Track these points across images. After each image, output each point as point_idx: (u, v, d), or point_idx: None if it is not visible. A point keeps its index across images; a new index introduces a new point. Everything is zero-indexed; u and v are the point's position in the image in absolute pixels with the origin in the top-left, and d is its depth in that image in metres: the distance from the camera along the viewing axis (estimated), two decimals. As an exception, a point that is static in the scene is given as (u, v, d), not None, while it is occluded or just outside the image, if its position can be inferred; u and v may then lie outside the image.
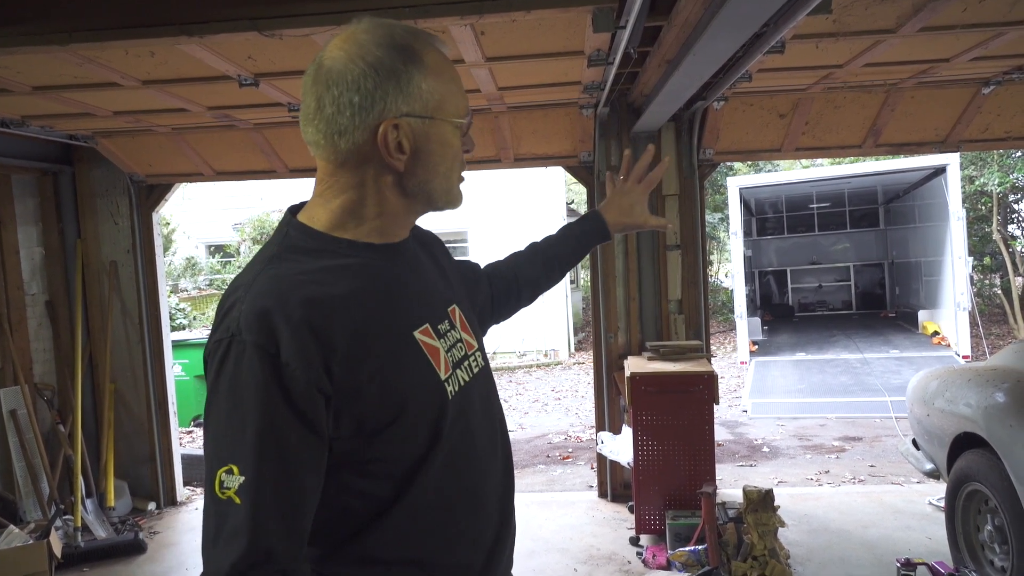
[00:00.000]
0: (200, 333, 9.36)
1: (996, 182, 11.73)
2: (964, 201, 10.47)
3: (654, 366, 4.01)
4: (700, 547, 3.47)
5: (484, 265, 1.50)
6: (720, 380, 4.01)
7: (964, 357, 9.09)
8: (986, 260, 14.23)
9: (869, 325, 12.59)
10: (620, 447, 4.20)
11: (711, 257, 18.58)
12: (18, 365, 4.54)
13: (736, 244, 10.66)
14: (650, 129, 4.39)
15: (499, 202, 12.68)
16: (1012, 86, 4.16)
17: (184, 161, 4.74)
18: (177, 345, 7.35)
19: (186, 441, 7.51)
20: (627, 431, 4.14)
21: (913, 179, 11.38)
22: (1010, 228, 14.61)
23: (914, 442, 3.89)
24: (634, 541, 4.00)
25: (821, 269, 14.83)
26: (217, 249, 16.65)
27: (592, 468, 5.74)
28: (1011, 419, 2.81)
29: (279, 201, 14.13)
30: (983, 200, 13.05)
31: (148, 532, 4.54)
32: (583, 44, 3.00)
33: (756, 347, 10.63)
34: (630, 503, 4.26)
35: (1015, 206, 14.70)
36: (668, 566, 3.57)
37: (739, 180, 11.30)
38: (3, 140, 4.27)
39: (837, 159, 12.75)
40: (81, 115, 3.85)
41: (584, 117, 4.30)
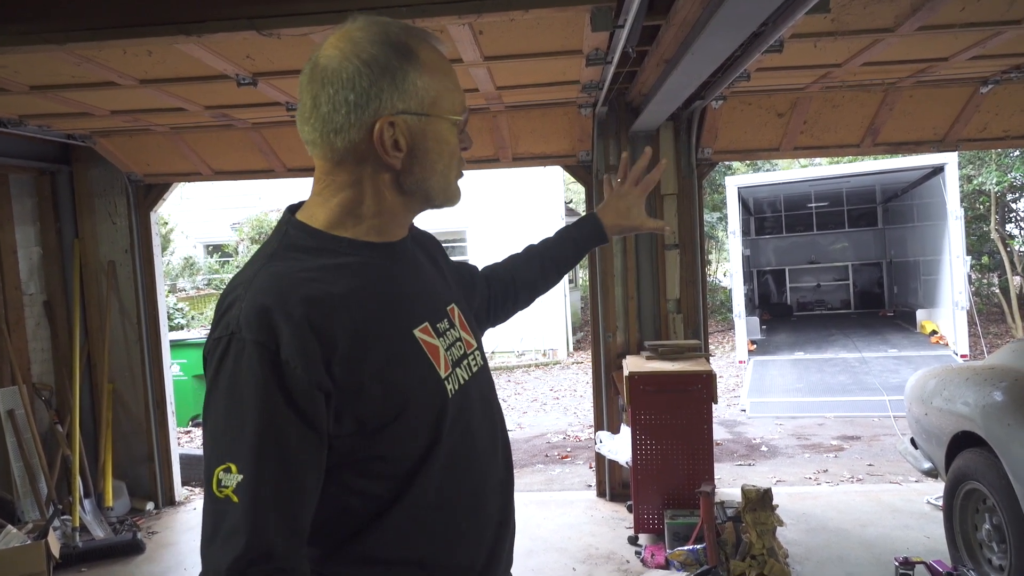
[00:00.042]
0: (198, 333, 9.35)
1: (994, 181, 11.74)
2: (962, 200, 10.47)
3: (652, 365, 4.01)
4: (699, 546, 3.48)
5: (481, 268, 1.51)
6: (718, 379, 4.01)
7: (962, 356, 9.10)
8: (984, 259, 14.25)
9: (867, 324, 12.60)
10: (619, 446, 4.20)
11: (709, 256, 18.59)
12: (16, 365, 4.53)
13: (734, 243, 10.67)
14: (648, 128, 4.39)
15: (497, 202, 12.68)
16: (1010, 85, 4.16)
17: (182, 161, 4.73)
18: (175, 345, 7.34)
19: (184, 441, 7.51)
20: (626, 430, 4.14)
21: (911, 178, 11.40)
22: (1008, 227, 14.62)
23: (912, 441, 3.89)
24: (633, 540, 4.00)
25: (819, 268, 14.84)
26: (215, 249, 16.62)
27: (591, 467, 5.74)
28: (1009, 418, 2.81)
29: (277, 201, 14.11)
30: (981, 199, 13.06)
31: (146, 532, 4.53)
32: (581, 43, 3.00)
33: (754, 346, 10.64)
34: (629, 502, 4.26)
35: (1013, 205, 14.71)
36: (667, 565, 3.57)
37: (737, 179, 11.31)
38: (1, 139, 4.26)
39: (835, 158, 12.76)
40: (79, 114, 3.84)
41: (582, 116, 4.30)
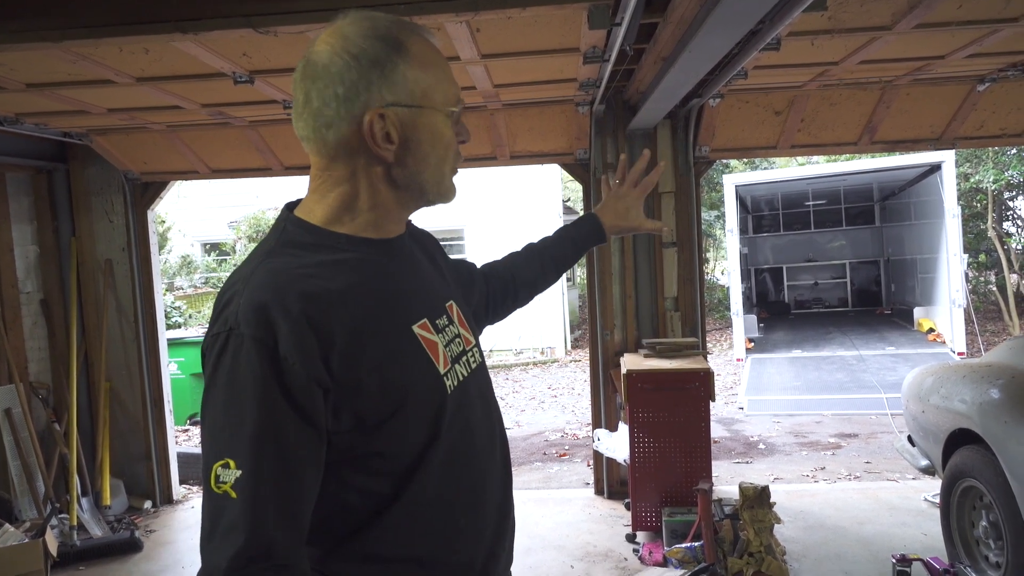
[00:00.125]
0: (196, 331, 9.35)
1: (991, 179, 11.76)
2: (959, 198, 10.49)
3: (650, 363, 4.02)
4: (696, 544, 3.48)
5: (480, 265, 1.51)
6: (716, 377, 4.01)
7: (959, 354, 9.12)
8: (981, 257, 14.27)
9: (865, 322, 12.62)
10: (616, 444, 4.21)
11: (707, 255, 18.62)
12: (13, 363, 4.52)
13: (732, 241, 10.68)
14: (646, 126, 4.39)
15: (495, 200, 12.68)
16: (1007, 83, 4.16)
17: (179, 159, 4.73)
18: (173, 343, 7.33)
19: (182, 439, 7.51)
20: (623, 428, 4.14)
21: (908, 176, 11.41)
22: (1005, 225, 14.65)
23: (909, 438, 3.90)
24: (630, 538, 4.00)
25: (817, 266, 14.86)
26: (213, 247, 16.59)
27: (588, 465, 5.75)
28: (1006, 415, 2.82)
29: (275, 199, 14.09)
30: (978, 197, 13.09)
31: (144, 530, 4.53)
32: (579, 41, 2.99)
33: (752, 344, 10.65)
34: (626, 500, 4.27)
35: (1010, 203, 14.73)
36: (664, 563, 3.57)
37: (735, 177, 11.32)
38: (-3, 138, 4.26)
39: (833, 156, 12.77)
40: (75, 112, 3.83)
41: (580, 114, 4.29)
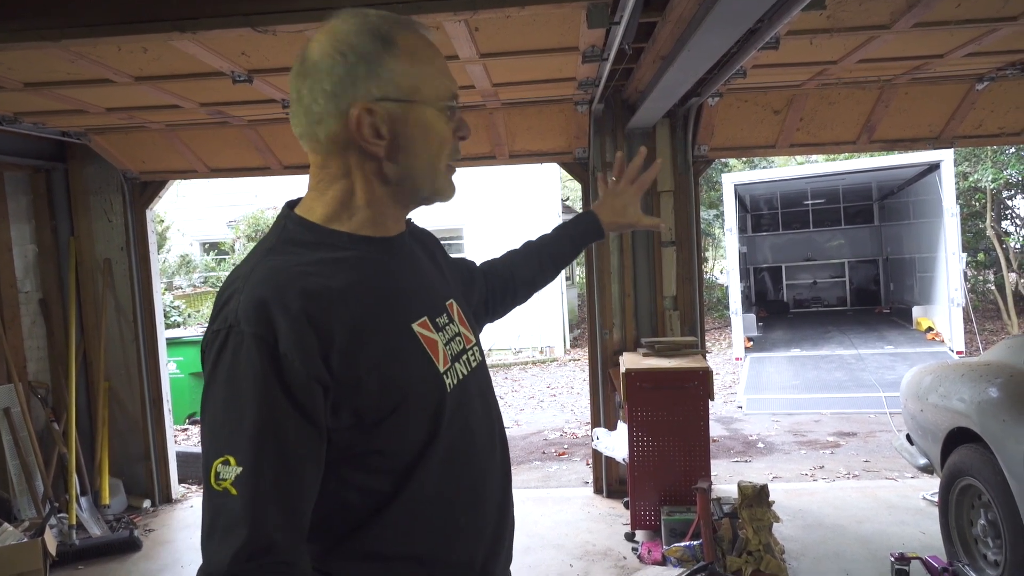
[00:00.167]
0: (195, 331, 9.34)
1: (990, 178, 11.77)
2: (958, 197, 10.50)
3: (649, 362, 4.02)
4: (695, 542, 3.48)
5: (480, 263, 1.51)
6: (715, 376, 4.02)
7: (958, 352, 9.13)
8: (980, 256, 14.28)
9: (863, 321, 12.63)
10: (615, 443, 4.21)
11: (706, 254, 18.62)
12: (12, 363, 4.52)
13: (731, 240, 10.68)
14: (645, 125, 4.39)
15: (494, 199, 12.68)
16: (1006, 82, 4.17)
17: (178, 158, 4.72)
18: (172, 343, 7.33)
19: (181, 439, 7.51)
20: (622, 427, 4.14)
21: (907, 175, 11.42)
22: (1004, 224, 14.66)
23: (908, 437, 3.90)
24: (629, 537, 4.00)
25: (816, 265, 14.87)
26: (212, 246, 16.58)
27: (588, 464, 5.75)
28: (1004, 414, 2.82)
29: (274, 198, 14.09)
30: (977, 196, 13.10)
31: (143, 530, 4.53)
32: (577, 40, 2.99)
33: (751, 343, 10.65)
34: (625, 499, 4.27)
35: (1008, 202, 14.74)
36: (663, 561, 3.58)
37: (734, 176, 11.33)
38: (-5, 137, 4.26)
39: (831, 155, 12.77)
40: (74, 112, 3.83)
41: (579, 113, 4.29)
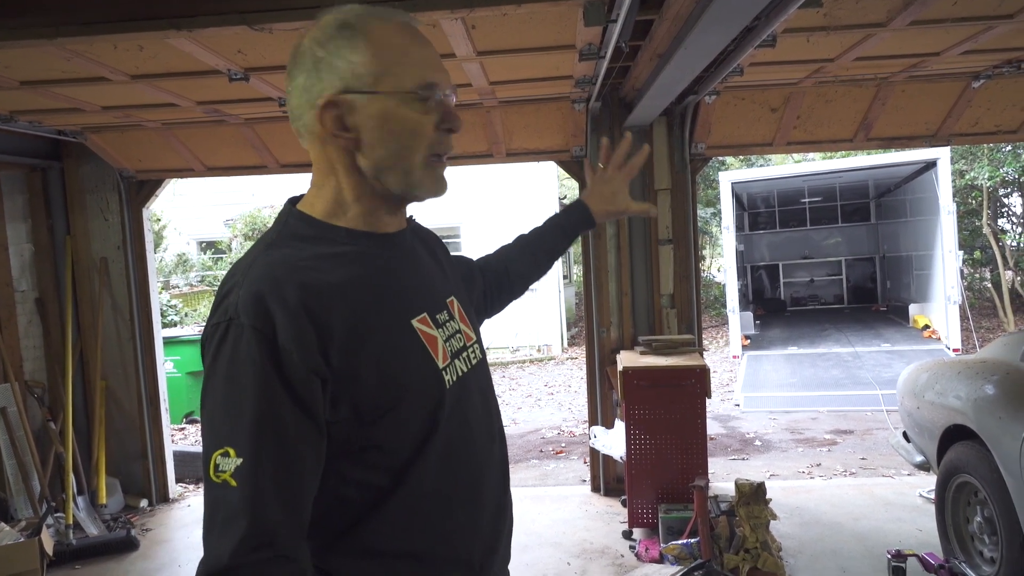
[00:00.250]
0: (192, 330, 9.32)
1: (986, 176, 11.78)
2: (954, 195, 10.50)
3: (646, 360, 4.02)
4: (692, 540, 3.49)
5: (475, 260, 1.52)
6: (712, 374, 4.02)
7: (954, 350, 9.14)
8: (976, 254, 14.31)
9: (860, 319, 12.65)
10: (613, 441, 4.21)
11: (703, 252, 18.64)
12: (8, 362, 4.51)
13: (728, 239, 10.69)
14: (642, 123, 4.39)
15: (492, 197, 12.68)
16: (1002, 80, 4.17)
17: (174, 156, 4.71)
18: (169, 342, 7.33)
19: (178, 438, 7.49)
20: (620, 425, 4.14)
21: (904, 173, 11.43)
22: (1000, 222, 14.69)
23: (904, 435, 3.91)
24: (627, 535, 4.01)
25: (813, 263, 14.90)
26: (208, 245, 16.54)
27: (585, 463, 5.75)
28: (1000, 411, 2.83)
29: (271, 197, 14.06)
30: (973, 194, 13.11)
31: (140, 529, 4.53)
32: (574, 38, 2.99)
33: (748, 341, 10.67)
34: (623, 497, 4.28)
35: (1005, 200, 14.78)
36: (661, 559, 3.58)
37: (731, 175, 11.33)
38: (-9, 136, 4.24)
39: (828, 153, 12.79)
40: (70, 110, 3.82)
41: (576, 112, 4.29)
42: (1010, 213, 15.12)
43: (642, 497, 3.89)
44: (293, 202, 1.11)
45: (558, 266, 13.79)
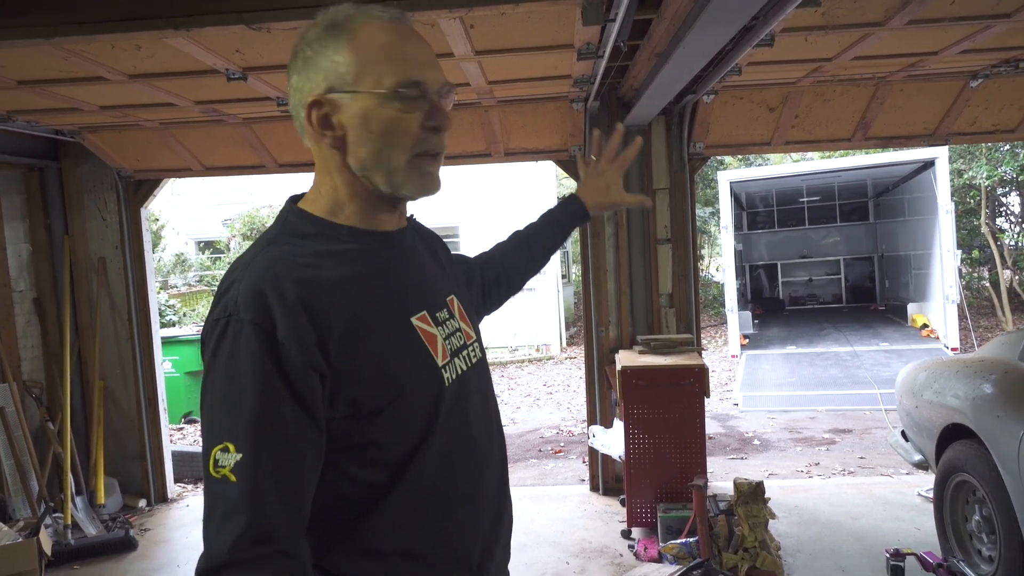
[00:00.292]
0: (190, 330, 9.30)
1: (984, 175, 11.79)
2: (953, 194, 10.52)
3: (645, 360, 4.02)
4: (691, 539, 3.49)
5: (472, 257, 1.52)
6: (711, 373, 4.02)
7: (953, 349, 9.16)
8: (975, 253, 14.34)
9: (859, 318, 12.66)
10: (611, 441, 4.21)
11: (702, 251, 18.64)
12: (6, 362, 4.50)
13: (727, 238, 10.70)
14: (640, 123, 4.39)
15: (490, 197, 12.67)
16: (1000, 79, 4.18)
17: (172, 156, 4.71)
18: (167, 342, 7.31)
19: (177, 438, 7.49)
20: (618, 425, 4.15)
21: (902, 173, 11.45)
22: (998, 221, 14.71)
23: (903, 434, 3.91)
24: (626, 534, 4.01)
25: (811, 263, 14.91)
26: (207, 245, 16.52)
27: (584, 462, 5.75)
28: (998, 410, 2.83)
29: (269, 197, 14.05)
30: (971, 193, 13.13)
31: (139, 529, 4.52)
32: (573, 37, 2.99)
33: (747, 340, 10.67)
34: (622, 496, 4.28)
35: (1003, 199, 14.80)
36: (659, 558, 3.58)
37: (729, 174, 11.34)
38: (-12, 135, 4.24)
39: (827, 153, 12.80)
40: (67, 110, 3.82)
41: (574, 111, 4.29)
42: (1008, 212, 15.15)
43: (641, 496, 3.89)
44: (294, 200, 1.12)
45: (557, 266, 13.79)
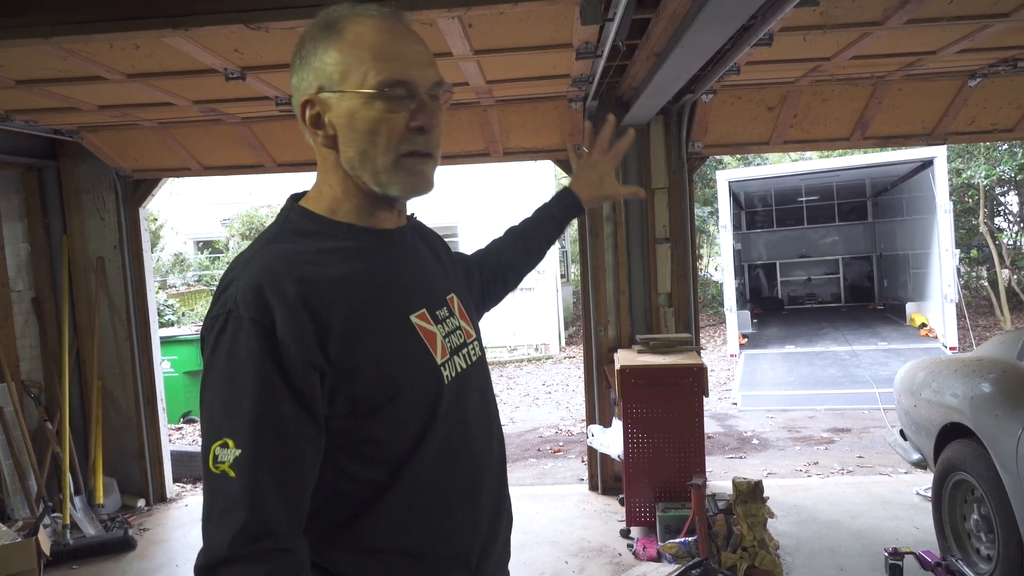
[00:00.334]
0: (189, 329, 9.30)
1: (983, 175, 11.80)
2: (951, 194, 10.53)
3: (644, 359, 4.02)
4: (690, 539, 3.49)
5: (470, 255, 1.53)
6: (710, 373, 4.03)
7: (951, 348, 9.16)
8: (973, 252, 14.35)
9: (857, 317, 12.67)
10: (610, 440, 4.22)
11: (701, 251, 18.64)
12: (4, 362, 4.50)
13: (725, 237, 10.70)
14: (639, 122, 4.39)
15: (489, 196, 12.67)
16: (998, 79, 4.18)
17: (171, 156, 4.70)
18: (166, 341, 7.31)
19: (175, 438, 7.49)
20: (617, 424, 4.15)
21: (901, 172, 11.45)
22: (996, 220, 14.73)
23: (902, 433, 3.92)
24: (624, 533, 4.01)
25: (810, 262, 14.91)
26: (206, 245, 16.51)
27: (583, 461, 5.76)
28: (997, 409, 2.83)
29: (268, 196, 14.04)
30: (970, 193, 13.14)
31: (138, 529, 4.52)
32: (571, 37, 2.99)
33: (746, 340, 10.67)
34: (620, 496, 4.28)
35: (1001, 199, 14.81)
36: (658, 558, 3.58)
37: (728, 174, 11.34)
38: (-13, 135, 4.24)
39: (825, 152, 12.81)
40: (66, 109, 3.81)
41: (573, 111, 4.29)
42: (1007, 211, 15.16)
43: (640, 496, 3.89)
44: (295, 198, 1.12)
45: (556, 265, 13.79)
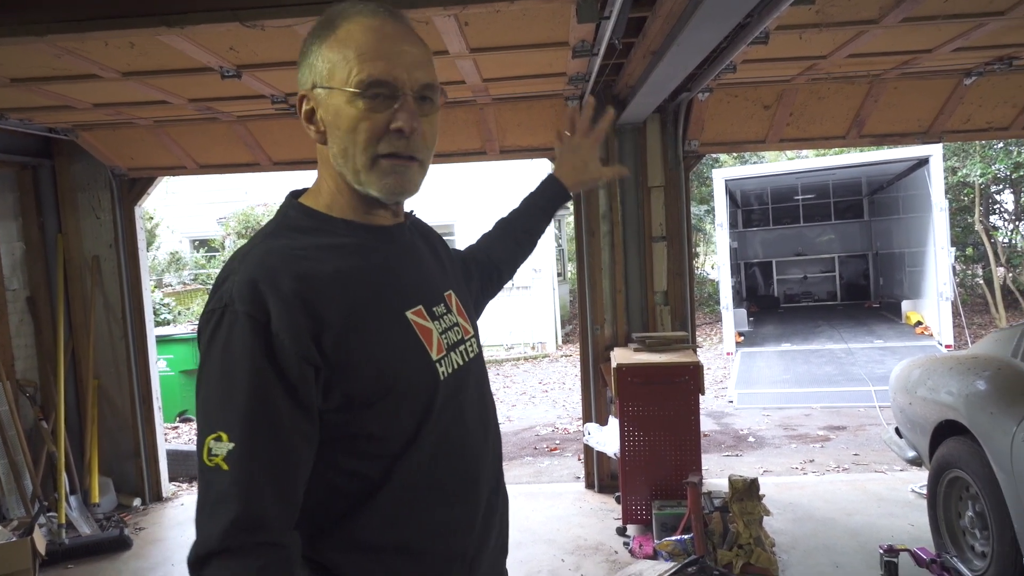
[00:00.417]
0: (185, 328, 9.28)
1: (978, 173, 11.83)
2: (947, 192, 10.55)
3: (640, 357, 4.03)
4: (686, 536, 3.50)
5: (462, 251, 1.53)
6: (706, 371, 4.03)
7: (946, 346, 9.19)
8: (968, 250, 14.38)
9: (853, 315, 12.69)
10: (607, 438, 4.22)
11: (697, 249, 18.65)
12: (0, 362, 4.49)
13: (722, 236, 10.71)
14: (635, 121, 4.40)
15: (485, 195, 12.65)
16: (993, 77, 4.19)
17: (166, 154, 4.69)
18: (161, 340, 7.29)
19: (171, 437, 7.47)
20: (613, 422, 4.15)
21: (896, 170, 11.48)
22: (992, 219, 14.76)
23: (897, 430, 3.93)
24: (621, 531, 4.02)
25: (806, 260, 14.93)
26: (201, 243, 16.47)
27: (579, 459, 5.76)
28: (991, 407, 2.84)
29: (264, 195, 14.02)
30: (965, 191, 13.16)
31: (133, 528, 4.51)
32: (567, 35, 2.99)
33: (742, 338, 10.69)
34: (617, 494, 4.28)
35: (997, 197, 14.85)
36: (655, 556, 3.59)
37: (724, 172, 11.36)
38: (-19, 133, 4.22)
39: (821, 150, 12.83)
40: (61, 108, 3.80)
41: (569, 109, 4.29)
42: (1002, 210, 15.20)
43: (636, 494, 3.90)
44: (294, 195, 1.13)
45: (552, 264, 13.78)
